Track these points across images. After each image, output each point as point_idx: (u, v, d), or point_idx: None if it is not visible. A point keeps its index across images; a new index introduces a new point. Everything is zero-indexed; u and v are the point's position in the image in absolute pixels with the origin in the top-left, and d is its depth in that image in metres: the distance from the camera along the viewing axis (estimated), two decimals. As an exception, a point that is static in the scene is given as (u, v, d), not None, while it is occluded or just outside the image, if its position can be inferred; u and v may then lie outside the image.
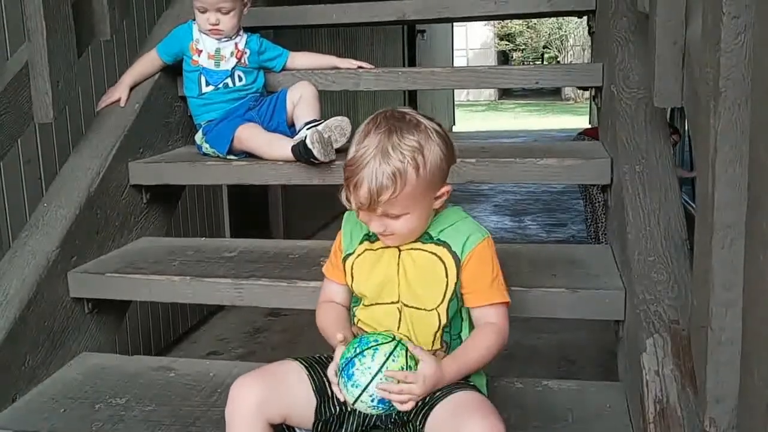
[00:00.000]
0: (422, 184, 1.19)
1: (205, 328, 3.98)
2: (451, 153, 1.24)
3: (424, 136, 1.20)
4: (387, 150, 1.17)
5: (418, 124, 1.21)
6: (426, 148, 1.19)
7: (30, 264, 1.65)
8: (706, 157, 1.04)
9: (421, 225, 1.26)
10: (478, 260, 1.26)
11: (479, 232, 1.28)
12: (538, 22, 24.83)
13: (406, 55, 10.26)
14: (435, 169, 1.20)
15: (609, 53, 1.90)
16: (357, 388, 1.15)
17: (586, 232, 4.82)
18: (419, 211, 1.22)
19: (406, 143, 1.18)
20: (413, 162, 1.17)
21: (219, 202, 4.15)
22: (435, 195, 1.24)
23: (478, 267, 1.26)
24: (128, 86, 2.03)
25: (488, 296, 1.27)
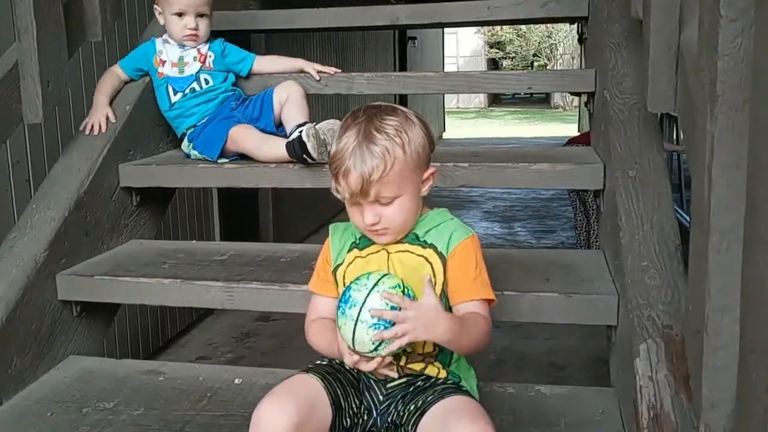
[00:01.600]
0: (410, 162, 1.20)
1: (194, 333, 3.96)
2: (430, 137, 1.27)
3: (403, 118, 1.23)
4: (371, 133, 1.19)
5: (395, 110, 1.25)
6: (408, 128, 1.22)
7: (18, 266, 1.63)
8: (702, 161, 1.03)
9: (412, 213, 1.25)
10: (461, 257, 1.25)
11: (463, 231, 1.27)
12: (528, 31, 24.95)
13: (397, 61, 10.28)
14: (419, 148, 1.23)
15: (602, 59, 1.90)
16: (355, 306, 1.12)
17: (575, 238, 4.82)
18: (410, 195, 1.23)
19: (387, 124, 1.20)
20: (398, 140, 1.19)
21: (209, 205, 4.13)
22: (422, 178, 1.25)
23: (462, 263, 1.25)
24: (107, 105, 2.01)
25: (471, 292, 1.25)
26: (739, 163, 0.96)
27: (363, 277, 1.17)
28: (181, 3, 2.03)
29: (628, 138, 1.66)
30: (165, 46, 2.09)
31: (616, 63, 1.83)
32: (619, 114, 1.72)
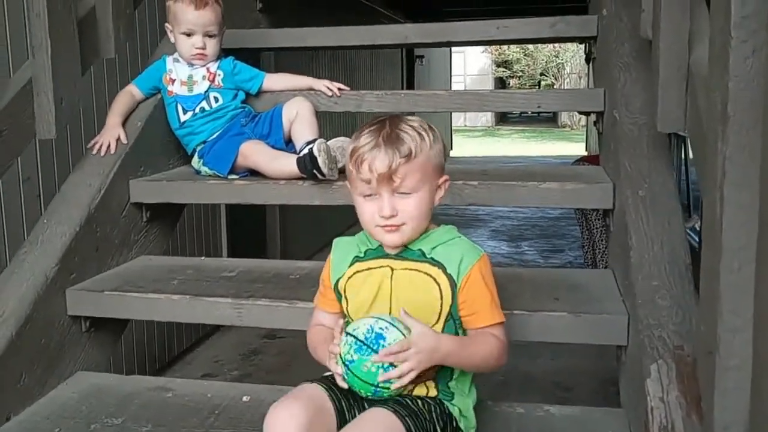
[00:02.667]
0: (432, 159, 1.24)
1: (200, 350, 3.95)
2: (444, 147, 1.30)
3: (419, 122, 1.26)
4: (394, 128, 1.23)
5: (409, 118, 1.28)
6: (429, 131, 1.25)
7: (28, 281, 1.64)
8: (713, 181, 1.03)
9: (425, 215, 1.26)
10: (475, 282, 1.25)
11: (475, 253, 1.27)
12: (535, 50, 25.05)
13: (405, 79, 10.33)
14: (438, 150, 1.26)
15: (611, 78, 1.91)
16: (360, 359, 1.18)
17: (582, 258, 4.81)
18: (427, 195, 1.25)
19: (409, 123, 1.24)
20: (420, 134, 1.23)
21: (217, 221, 4.14)
22: (437, 182, 1.27)
23: (477, 289, 1.25)
24: (120, 125, 2.01)
25: (489, 317, 1.26)
26: (751, 182, 0.96)
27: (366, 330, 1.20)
28: (188, 23, 2.05)
29: (637, 157, 1.66)
30: (175, 65, 2.11)
31: (625, 83, 1.83)
32: (629, 133, 1.72)
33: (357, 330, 1.20)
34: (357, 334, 1.20)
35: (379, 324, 1.20)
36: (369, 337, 1.18)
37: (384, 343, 1.17)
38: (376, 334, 1.18)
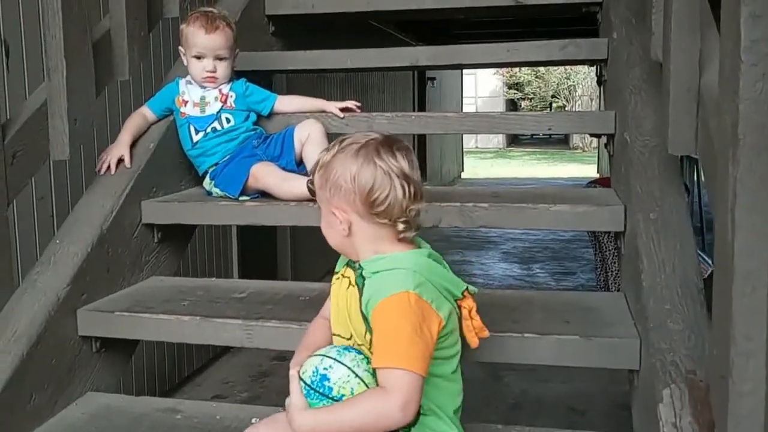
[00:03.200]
0: (324, 184, 1.25)
1: (210, 371, 3.95)
2: (374, 183, 1.21)
3: (353, 149, 1.23)
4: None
5: (366, 143, 1.24)
6: (341, 155, 1.24)
7: (40, 301, 1.64)
8: (725, 204, 1.03)
9: (330, 233, 1.29)
10: (376, 317, 1.18)
11: (394, 287, 1.17)
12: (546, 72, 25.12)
13: (416, 101, 10.38)
14: (340, 179, 1.23)
15: (621, 101, 1.91)
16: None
17: (595, 280, 4.78)
18: (325, 215, 1.28)
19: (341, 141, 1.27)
20: (327, 154, 1.26)
21: (228, 242, 4.15)
22: (330, 208, 1.26)
23: (377, 326, 1.17)
24: (128, 144, 2.02)
25: (380, 358, 1.16)
26: (763, 206, 0.95)
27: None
28: (199, 46, 2.07)
29: (648, 180, 1.66)
30: (187, 87, 2.13)
31: (636, 105, 1.83)
32: (640, 156, 1.72)
33: (305, 373, 1.20)
34: (305, 378, 1.20)
35: (324, 363, 1.19)
36: (315, 380, 1.18)
37: (329, 384, 1.16)
38: (321, 376, 1.18)
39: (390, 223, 1.23)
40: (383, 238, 1.25)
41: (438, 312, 1.19)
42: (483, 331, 1.30)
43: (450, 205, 1.82)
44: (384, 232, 1.24)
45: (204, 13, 2.10)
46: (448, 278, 1.26)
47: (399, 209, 1.22)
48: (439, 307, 1.20)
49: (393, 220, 1.22)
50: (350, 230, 1.25)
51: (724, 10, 1.07)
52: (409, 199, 1.22)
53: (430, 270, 1.23)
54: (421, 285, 1.19)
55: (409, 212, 1.23)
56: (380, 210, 1.21)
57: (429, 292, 1.19)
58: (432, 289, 1.20)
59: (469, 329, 1.28)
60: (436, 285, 1.22)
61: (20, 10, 2.46)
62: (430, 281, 1.21)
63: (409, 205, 1.22)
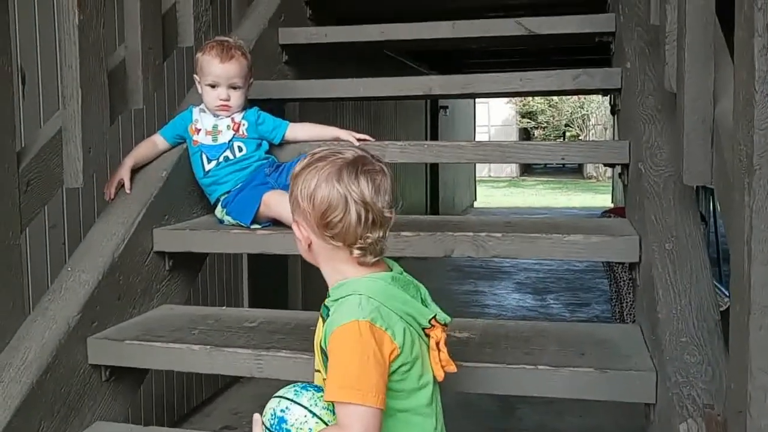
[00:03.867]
0: (293, 197, 1.22)
1: (219, 401, 3.92)
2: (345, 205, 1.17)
3: (327, 169, 1.19)
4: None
5: (341, 161, 1.20)
6: (312, 172, 1.20)
7: (50, 329, 1.64)
8: (740, 235, 1.02)
9: (297, 244, 1.26)
10: (331, 348, 1.14)
11: (344, 317, 1.14)
12: (560, 101, 25.17)
13: (429, 129, 10.42)
14: (310, 198, 1.19)
15: (635, 131, 1.90)
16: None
17: (610, 312, 4.73)
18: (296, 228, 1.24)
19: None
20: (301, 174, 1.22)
21: (239, 270, 4.15)
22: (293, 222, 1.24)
23: (330, 355, 1.14)
24: (129, 168, 2.03)
25: (329, 392, 1.12)
26: (780, 238, 0.94)
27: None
28: (213, 75, 2.09)
29: (663, 210, 1.64)
30: (201, 115, 2.14)
31: (651, 135, 1.82)
32: (654, 186, 1.71)
33: (264, 416, 1.19)
34: (264, 421, 1.19)
35: (281, 405, 1.18)
36: (273, 423, 1.17)
37: (287, 427, 1.15)
38: (278, 419, 1.17)
39: (345, 246, 1.19)
40: (341, 260, 1.21)
41: (393, 339, 1.14)
42: (450, 364, 1.22)
43: (463, 235, 1.81)
44: (340, 254, 1.20)
45: (220, 42, 2.12)
46: (410, 304, 1.20)
47: (353, 235, 1.17)
48: (395, 334, 1.15)
49: (347, 245, 1.18)
50: (309, 246, 1.23)
51: (738, 41, 1.07)
52: (364, 227, 1.17)
53: (387, 295, 1.18)
54: (374, 310, 1.14)
55: (365, 239, 1.17)
56: (334, 233, 1.18)
57: (383, 319, 1.14)
58: (388, 314, 1.16)
59: (436, 361, 1.21)
60: (395, 310, 1.17)
61: (37, 40, 2.50)
62: (387, 306, 1.16)
63: (365, 232, 1.17)
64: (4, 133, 1.60)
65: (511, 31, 2.68)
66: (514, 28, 2.67)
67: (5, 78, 1.59)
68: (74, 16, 1.77)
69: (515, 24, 2.66)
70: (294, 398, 1.17)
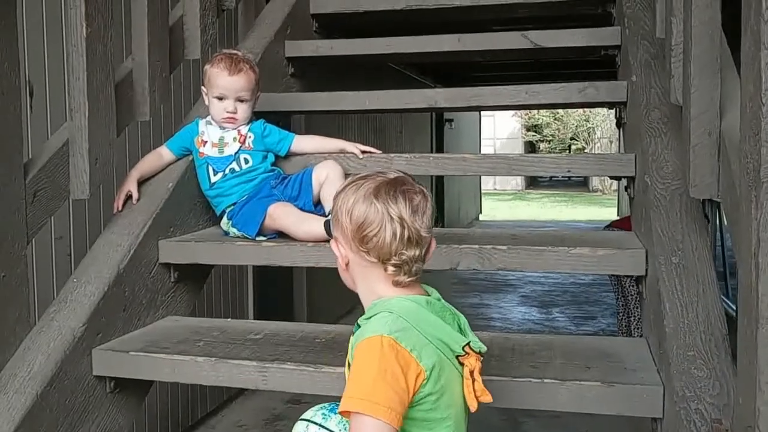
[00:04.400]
0: (338, 223, 1.24)
1: (224, 413, 3.91)
2: (378, 224, 1.19)
3: (365, 189, 1.22)
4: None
5: (376, 182, 1.23)
6: (350, 193, 1.23)
7: (55, 340, 1.64)
8: (748, 248, 1.01)
9: (337, 262, 1.27)
10: (354, 358, 1.15)
11: (371, 330, 1.14)
12: (565, 114, 25.19)
13: (434, 142, 10.43)
14: (351, 214, 1.21)
15: (641, 144, 1.90)
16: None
17: (616, 325, 4.71)
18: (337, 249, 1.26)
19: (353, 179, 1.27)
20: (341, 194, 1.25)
21: (244, 282, 4.15)
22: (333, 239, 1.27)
23: (352, 368, 1.15)
24: (136, 180, 2.05)
25: (346, 401, 1.11)
26: (788, 251, 0.93)
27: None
28: (221, 87, 2.10)
29: (670, 223, 1.63)
30: (207, 127, 2.15)
31: (657, 148, 1.82)
32: (661, 199, 1.70)
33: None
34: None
35: (309, 430, 1.20)
36: None
37: None
38: None
39: (379, 263, 1.20)
40: (376, 278, 1.22)
41: (419, 361, 1.12)
42: (485, 394, 1.19)
43: (468, 248, 1.80)
44: (375, 271, 1.21)
45: (229, 55, 2.13)
46: (442, 330, 1.19)
47: (388, 251, 1.18)
48: (421, 356, 1.13)
49: (382, 261, 1.19)
50: (347, 265, 1.25)
51: (744, 54, 1.06)
52: (400, 242, 1.18)
53: (418, 317, 1.17)
54: (402, 330, 1.13)
55: (400, 256, 1.18)
56: (369, 247, 1.19)
57: (410, 339, 1.13)
58: (417, 336, 1.14)
59: (469, 391, 1.18)
60: (426, 334, 1.16)
61: (45, 53, 2.51)
62: (417, 328, 1.15)
63: (400, 248, 1.18)
64: (12, 145, 1.61)
65: (517, 45, 2.69)
66: (519, 41, 2.67)
67: (14, 91, 1.60)
68: (82, 28, 1.78)
69: (521, 37, 2.67)
70: (322, 423, 1.18)
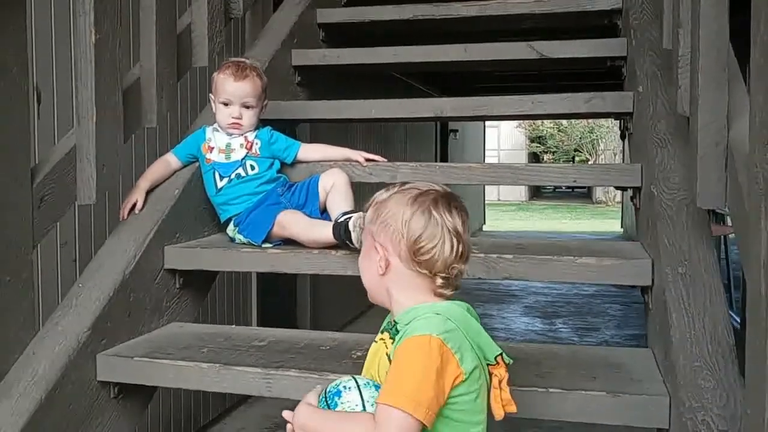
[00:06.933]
0: (374, 223, 1.27)
1: (226, 422, 3.90)
2: (415, 229, 1.22)
3: (397, 198, 1.26)
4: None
5: (404, 191, 1.27)
6: (389, 203, 1.26)
7: (60, 344, 1.64)
8: (756, 259, 1.01)
9: (372, 280, 1.29)
10: (397, 354, 1.16)
11: (418, 329, 1.16)
12: (569, 126, 25.21)
13: (439, 153, 10.44)
14: (390, 219, 1.24)
15: (648, 154, 1.90)
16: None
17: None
18: (367, 257, 1.29)
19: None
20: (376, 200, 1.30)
21: (248, 289, 4.14)
22: (374, 247, 1.27)
23: (394, 361, 1.16)
24: (144, 190, 2.05)
25: (383, 394, 1.13)
26: (798, 261, 0.93)
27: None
28: (227, 93, 2.11)
29: (677, 234, 1.63)
30: (214, 134, 2.15)
31: (663, 158, 1.82)
32: (667, 209, 1.70)
33: (330, 384, 1.25)
34: (327, 386, 1.25)
35: (348, 383, 1.22)
36: (331, 391, 1.22)
37: (338, 401, 1.20)
38: (337, 391, 1.21)
39: (429, 275, 1.22)
40: (419, 288, 1.24)
41: (460, 364, 1.15)
42: (511, 404, 1.22)
43: (473, 256, 1.80)
44: (421, 282, 1.23)
45: (236, 63, 2.15)
46: (482, 336, 1.22)
47: (442, 264, 1.21)
48: (463, 359, 1.15)
49: (433, 273, 1.22)
50: (387, 269, 1.25)
51: (754, 64, 1.06)
52: (455, 257, 1.21)
53: (465, 322, 1.21)
54: (450, 332, 1.16)
55: (451, 270, 1.22)
56: (423, 259, 1.21)
57: (456, 341, 1.16)
58: (462, 339, 1.17)
59: (497, 399, 1.22)
60: (469, 338, 1.18)
61: (53, 59, 2.52)
62: (462, 331, 1.18)
63: (454, 262, 1.22)
64: (20, 149, 1.61)
65: (523, 55, 2.70)
66: (525, 51, 2.68)
67: (22, 97, 1.61)
68: (91, 35, 1.79)
69: (527, 48, 2.67)
70: (361, 386, 1.20)
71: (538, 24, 3.20)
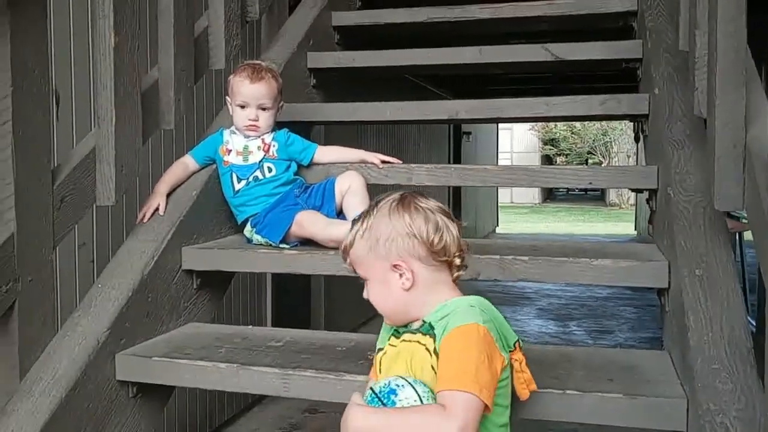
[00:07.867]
0: (365, 248, 1.32)
1: (241, 422, 3.92)
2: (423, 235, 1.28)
3: (384, 209, 1.32)
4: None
5: (393, 201, 1.34)
6: (376, 218, 1.32)
7: (80, 344, 1.66)
8: (776, 261, 1.01)
9: (389, 301, 1.32)
10: (446, 342, 1.20)
11: (461, 318, 1.22)
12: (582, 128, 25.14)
13: (452, 155, 10.44)
14: (381, 238, 1.29)
15: (664, 156, 1.90)
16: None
17: None
18: (378, 282, 1.32)
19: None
20: (363, 224, 1.33)
21: (263, 290, 4.16)
22: (387, 269, 1.30)
23: (445, 349, 1.20)
24: (164, 195, 2.06)
25: (441, 381, 1.17)
26: (818, 263, 0.93)
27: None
28: (243, 95, 2.12)
29: (693, 236, 1.63)
30: (231, 136, 2.17)
31: (680, 160, 1.82)
32: (684, 211, 1.70)
33: (376, 384, 1.26)
34: (375, 387, 1.25)
35: (398, 381, 1.23)
36: (383, 391, 1.22)
37: (395, 399, 1.20)
38: (390, 389, 1.22)
39: (449, 259, 1.30)
40: (442, 282, 1.31)
41: (501, 351, 1.24)
42: (532, 383, 1.32)
43: (489, 258, 1.81)
44: (441, 275, 1.31)
45: (252, 65, 2.17)
46: (504, 325, 1.31)
47: (454, 243, 1.30)
48: (502, 347, 1.25)
49: (452, 256, 1.30)
50: (414, 280, 1.29)
51: (773, 65, 1.06)
52: (457, 231, 1.31)
53: (493, 313, 1.29)
54: (487, 322, 1.23)
55: (462, 244, 1.31)
56: (440, 248, 1.28)
57: (494, 330, 1.24)
58: (495, 329, 1.25)
59: (520, 381, 1.30)
60: (497, 328, 1.26)
61: (71, 62, 2.55)
62: (494, 322, 1.26)
63: (459, 237, 1.31)
64: (41, 151, 1.63)
65: (538, 57, 2.69)
66: (540, 54, 2.68)
67: (43, 99, 1.63)
68: (110, 38, 1.81)
69: (541, 50, 2.67)
70: (412, 383, 1.22)
71: (552, 27, 3.19)
